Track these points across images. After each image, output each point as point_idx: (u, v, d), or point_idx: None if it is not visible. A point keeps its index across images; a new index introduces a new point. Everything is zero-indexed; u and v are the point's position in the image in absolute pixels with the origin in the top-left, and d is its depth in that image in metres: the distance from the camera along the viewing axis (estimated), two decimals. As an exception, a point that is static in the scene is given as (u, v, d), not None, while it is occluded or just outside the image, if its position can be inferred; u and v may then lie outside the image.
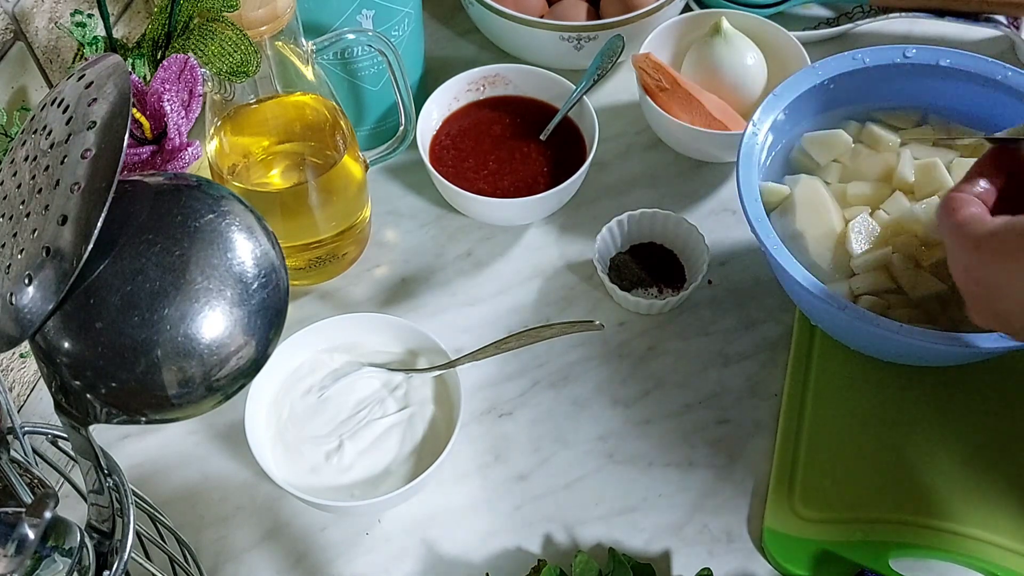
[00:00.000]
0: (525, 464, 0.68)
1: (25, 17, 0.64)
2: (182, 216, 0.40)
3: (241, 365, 0.40)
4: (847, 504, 0.64)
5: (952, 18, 0.88)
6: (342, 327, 0.68)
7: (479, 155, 0.79)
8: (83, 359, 0.39)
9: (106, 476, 0.45)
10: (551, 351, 0.73)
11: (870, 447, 0.66)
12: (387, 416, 0.65)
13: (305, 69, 0.67)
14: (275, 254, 0.42)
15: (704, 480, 0.67)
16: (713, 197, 0.82)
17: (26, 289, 0.38)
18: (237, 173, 0.69)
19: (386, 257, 0.79)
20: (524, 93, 0.82)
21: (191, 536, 0.63)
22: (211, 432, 0.70)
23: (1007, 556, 0.61)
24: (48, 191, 0.38)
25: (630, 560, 0.61)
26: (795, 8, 0.93)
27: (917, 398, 0.68)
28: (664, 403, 0.71)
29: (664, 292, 0.75)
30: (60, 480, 0.60)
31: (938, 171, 0.67)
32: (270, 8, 0.61)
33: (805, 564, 0.62)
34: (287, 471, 0.63)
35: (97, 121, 0.38)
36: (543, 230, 0.80)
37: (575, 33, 0.82)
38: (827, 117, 0.73)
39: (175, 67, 0.56)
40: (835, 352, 0.70)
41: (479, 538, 0.65)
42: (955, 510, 0.63)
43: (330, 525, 0.66)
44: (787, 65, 0.81)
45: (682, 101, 0.78)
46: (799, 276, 0.62)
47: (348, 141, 0.71)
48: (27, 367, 0.69)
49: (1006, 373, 0.68)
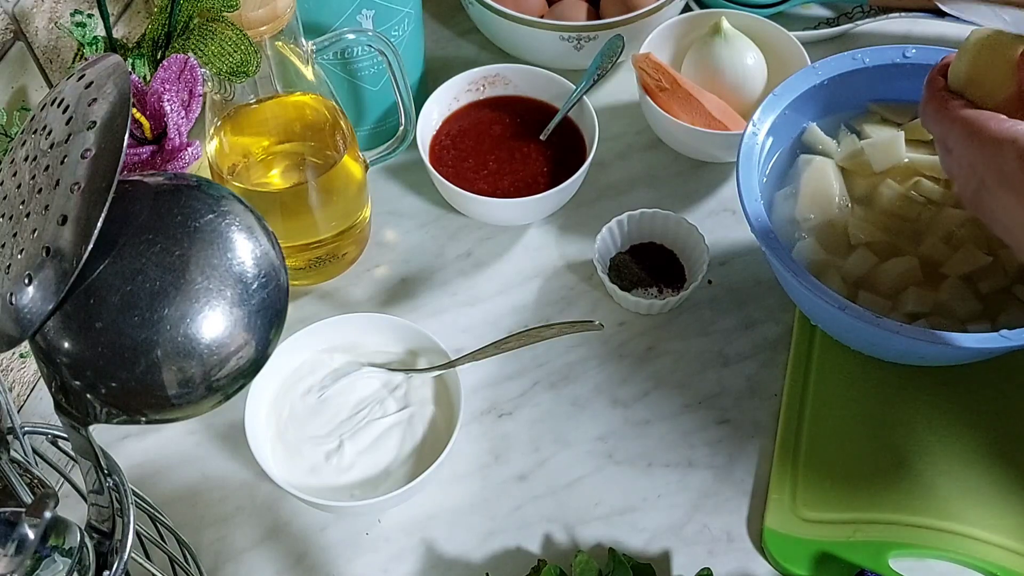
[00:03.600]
0: (525, 464, 0.68)
1: (25, 17, 0.64)
2: (182, 216, 0.40)
3: (241, 365, 0.40)
4: (847, 504, 0.64)
5: (952, 18, 0.88)
6: (342, 327, 0.68)
7: (479, 155, 0.79)
8: (83, 359, 0.39)
9: (106, 476, 0.45)
10: (551, 351, 0.73)
11: (870, 447, 0.66)
12: (387, 416, 0.65)
13: (305, 69, 0.67)
14: (275, 254, 0.42)
15: (704, 480, 0.67)
16: (713, 197, 0.82)
17: (26, 289, 0.38)
18: (237, 173, 0.69)
19: (386, 257, 0.79)
20: (524, 93, 0.82)
21: (191, 536, 0.63)
22: (211, 432, 0.70)
23: (1007, 556, 0.61)
24: (48, 191, 0.38)
25: (630, 560, 0.61)
26: (795, 8, 0.93)
27: (917, 398, 0.68)
28: (664, 403, 0.71)
29: (664, 292, 0.75)
30: (60, 480, 0.60)
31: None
32: (270, 8, 0.61)
33: (805, 564, 0.62)
34: (287, 471, 0.63)
35: (97, 121, 0.38)
36: (543, 230, 0.80)
37: (575, 33, 0.82)
38: (827, 117, 0.73)
39: (175, 67, 0.56)
40: (835, 352, 0.70)
41: (479, 538, 0.65)
42: (955, 510, 0.63)
43: (330, 525, 0.66)
44: (787, 65, 0.81)
45: (682, 101, 0.78)
46: (799, 276, 0.62)
47: (348, 141, 0.71)
48: (27, 367, 0.69)
49: (1006, 373, 0.68)
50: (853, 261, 0.66)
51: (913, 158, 0.69)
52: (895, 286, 0.65)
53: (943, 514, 0.63)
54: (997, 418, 0.67)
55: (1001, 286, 0.65)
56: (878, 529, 0.63)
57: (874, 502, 0.64)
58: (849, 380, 0.69)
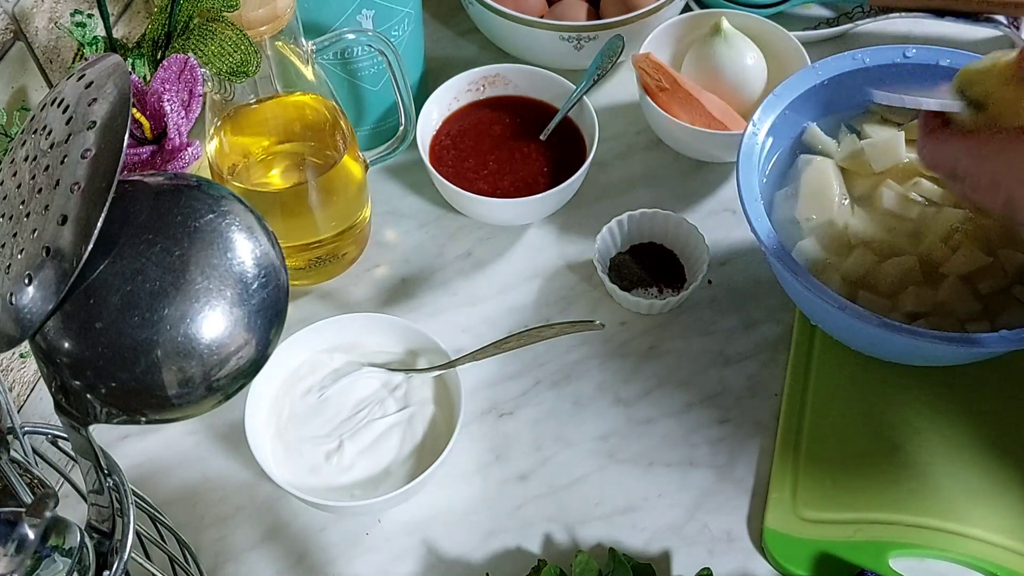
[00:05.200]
0: (526, 464, 0.68)
1: (25, 17, 0.64)
2: (182, 216, 0.40)
3: (241, 365, 0.40)
4: (847, 504, 0.64)
5: (952, 18, 0.88)
6: (342, 327, 0.68)
7: (479, 155, 0.79)
8: (83, 359, 0.39)
9: (106, 476, 0.45)
10: (552, 351, 0.73)
11: (870, 447, 0.66)
12: (387, 416, 0.65)
13: (305, 69, 0.67)
14: (275, 254, 0.42)
15: (705, 479, 0.67)
16: (713, 197, 0.82)
17: (26, 289, 0.38)
18: (237, 173, 0.69)
19: (386, 257, 0.79)
20: (524, 93, 0.82)
21: (191, 536, 0.63)
22: (211, 432, 0.70)
23: (1007, 556, 0.61)
24: (48, 191, 0.38)
25: (630, 560, 0.61)
26: (795, 8, 0.93)
27: (917, 398, 0.68)
28: (665, 403, 0.71)
29: (664, 292, 0.75)
30: (60, 480, 0.60)
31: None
32: (270, 8, 0.61)
33: (805, 564, 0.62)
34: (287, 471, 0.63)
35: (97, 121, 0.38)
36: (543, 230, 0.80)
37: (575, 33, 0.82)
38: (827, 117, 0.73)
39: (175, 67, 0.56)
40: (835, 352, 0.70)
41: (479, 538, 0.65)
42: (955, 510, 0.63)
43: (330, 525, 0.66)
44: (787, 65, 0.81)
45: (682, 101, 0.78)
46: (799, 276, 0.62)
47: (348, 141, 0.71)
48: (27, 367, 0.69)
49: (1006, 373, 0.68)
50: (853, 261, 0.66)
51: (913, 158, 0.69)
52: (895, 286, 0.65)
53: (943, 514, 0.63)
54: (997, 418, 0.67)
55: (1001, 286, 0.65)
56: (878, 529, 0.63)
57: (874, 502, 0.64)
58: (849, 380, 0.69)
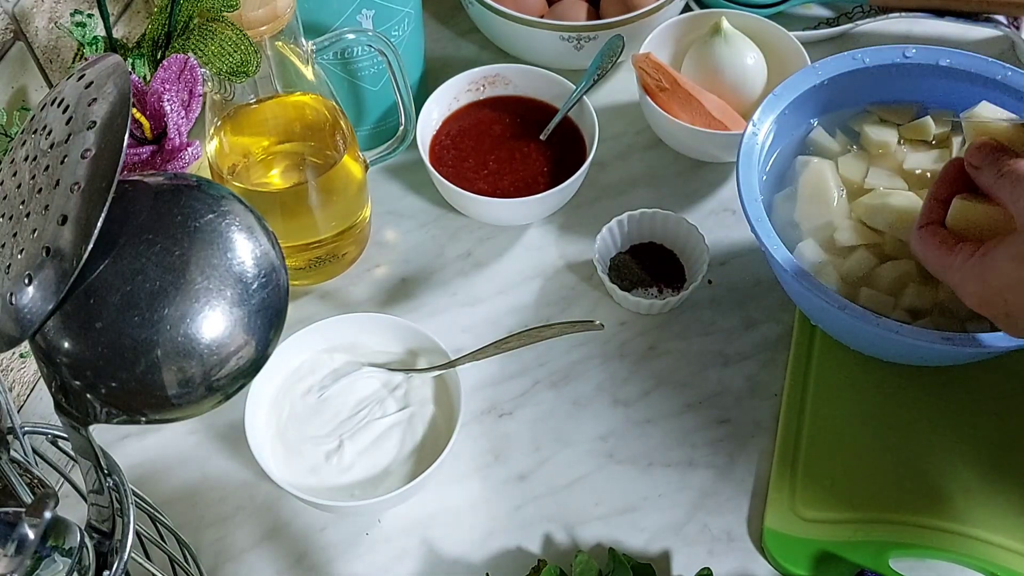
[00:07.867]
0: (525, 464, 0.68)
1: (25, 17, 0.64)
2: (182, 216, 0.40)
3: (241, 365, 0.40)
4: (847, 504, 0.64)
5: (952, 18, 0.88)
6: (342, 327, 0.68)
7: (479, 155, 0.79)
8: (83, 359, 0.39)
9: (106, 476, 0.45)
10: (551, 351, 0.73)
11: (870, 447, 0.66)
12: (387, 416, 0.65)
13: (305, 69, 0.67)
14: (275, 254, 0.42)
15: (704, 480, 0.67)
16: (713, 197, 0.82)
17: (26, 289, 0.38)
18: (237, 173, 0.69)
19: (386, 257, 0.79)
20: (524, 93, 0.82)
21: (191, 536, 0.63)
22: (211, 432, 0.70)
23: (1008, 556, 0.61)
24: (48, 191, 0.38)
25: (630, 560, 0.61)
26: (795, 8, 0.93)
27: (917, 398, 0.68)
28: (665, 403, 0.71)
29: (664, 292, 0.75)
30: (60, 480, 0.60)
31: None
32: (270, 8, 0.61)
33: (805, 564, 0.62)
34: (287, 471, 0.63)
35: (97, 121, 0.38)
36: (543, 230, 0.80)
37: (575, 33, 0.82)
38: (827, 117, 0.73)
39: (175, 67, 0.56)
40: (835, 352, 0.70)
41: (479, 538, 0.65)
42: (955, 510, 0.63)
43: (330, 525, 0.66)
44: (787, 65, 0.81)
45: (682, 101, 0.78)
46: (799, 276, 0.62)
47: (348, 141, 0.71)
48: (27, 367, 0.69)
49: (1006, 373, 0.68)
50: (853, 261, 0.66)
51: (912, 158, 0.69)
52: (894, 286, 0.65)
53: (943, 514, 0.63)
54: (997, 418, 0.67)
55: (1001, 286, 0.65)
56: (878, 529, 0.63)
57: (874, 501, 0.64)
58: (849, 380, 0.69)
